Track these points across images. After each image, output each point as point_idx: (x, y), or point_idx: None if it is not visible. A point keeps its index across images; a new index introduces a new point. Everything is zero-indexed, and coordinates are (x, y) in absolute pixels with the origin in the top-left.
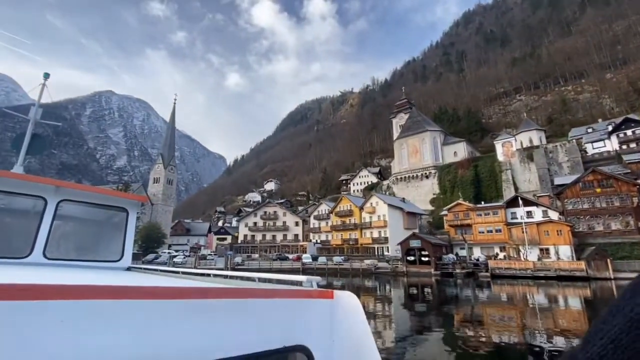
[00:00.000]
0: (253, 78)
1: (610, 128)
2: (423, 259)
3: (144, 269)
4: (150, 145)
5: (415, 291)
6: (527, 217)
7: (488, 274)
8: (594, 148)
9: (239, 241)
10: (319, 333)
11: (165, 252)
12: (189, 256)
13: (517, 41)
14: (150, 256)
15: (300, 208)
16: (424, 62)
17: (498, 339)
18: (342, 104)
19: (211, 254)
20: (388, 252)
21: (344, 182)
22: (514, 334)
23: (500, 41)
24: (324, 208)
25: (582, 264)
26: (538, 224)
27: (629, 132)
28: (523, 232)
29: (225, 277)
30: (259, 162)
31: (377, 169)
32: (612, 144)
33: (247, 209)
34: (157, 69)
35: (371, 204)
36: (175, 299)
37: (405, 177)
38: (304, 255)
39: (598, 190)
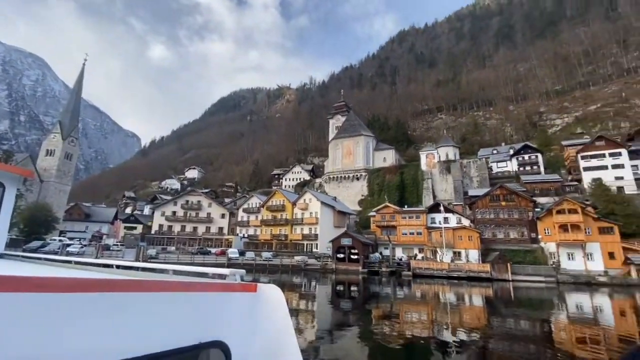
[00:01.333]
0: (182, 54)
1: (511, 152)
2: (352, 257)
3: (23, 257)
4: (43, 111)
5: (342, 288)
6: (444, 223)
7: (410, 273)
8: (498, 167)
9: (153, 231)
10: (240, 327)
11: (55, 240)
12: (88, 245)
13: (442, 66)
14: (35, 244)
15: (227, 200)
16: (361, 70)
17: (410, 333)
18: (278, 97)
19: (117, 244)
20: (317, 249)
21: (276, 176)
22: (424, 328)
23: (428, 63)
24: (254, 201)
25: (488, 267)
26: (454, 229)
27: (526, 157)
28: (441, 236)
29: (132, 268)
30: (181, 146)
31: (310, 167)
32: (512, 165)
33: (164, 197)
34: (61, 23)
35: (304, 200)
36: (67, 292)
37: (337, 177)
38: (230, 250)
39: (503, 203)
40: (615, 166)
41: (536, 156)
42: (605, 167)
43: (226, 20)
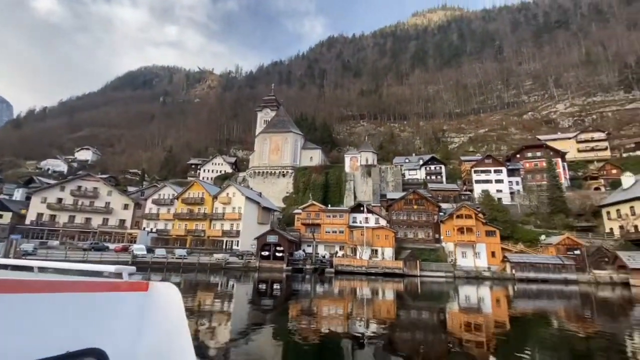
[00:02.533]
0: (79, 12)
1: (421, 162)
2: (277, 254)
3: None
4: None
5: (264, 287)
6: (365, 222)
7: (333, 270)
8: (409, 174)
9: (28, 222)
10: (124, 332)
11: None
12: None
13: (366, 77)
14: None
15: (131, 189)
16: (290, 68)
17: (327, 329)
18: (199, 81)
19: None
20: (238, 246)
21: (193, 166)
22: (340, 323)
23: (354, 72)
24: (167, 192)
25: (401, 264)
26: (373, 229)
27: (432, 167)
28: (362, 235)
29: None
30: (71, 121)
31: (233, 159)
32: (421, 174)
33: (45, 180)
34: None
35: (227, 194)
36: None
37: (263, 172)
38: (135, 246)
39: (415, 207)
40: (497, 181)
41: (440, 167)
42: (490, 181)
43: None
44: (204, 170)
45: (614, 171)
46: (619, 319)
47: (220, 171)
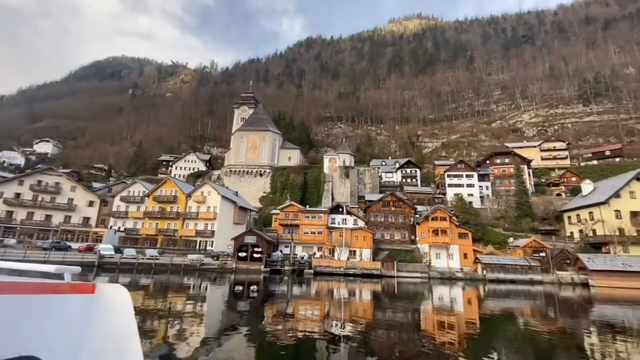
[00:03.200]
0: None
1: (397, 165)
2: (255, 255)
3: None
4: None
5: (240, 289)
6: (343, 224)
7: (312, 271)
8: (386, 177)
9: None
10: (65, 337)
11: None
12: None
13: (344, 79)
14: None
15: (96, 185)
16: (268, 66)
17: (303, 330)
18: (171, 75)
19: None
20: (212, 246)
21: (164, 163)
22: (317, 324)
23: (332, 74)
24: (137, 189)
25: (378, 265)
26: (352, 230)
27: (408, 170)
28: (341, 236)
29: None
30: (31, 111)
31: (207, 157)
32: (397, 176)
33: (1, 174)
34: None
35: (202, 192)
36: None
37: (239, 170)
38: (101, 246)
39: (392, 208)
40: (468, 185)
41: (416, 171)
42: (462, 185)
43: None
44: (176, 167)
45: (574, 179)
46: (579, 318)
47: (194, 168)
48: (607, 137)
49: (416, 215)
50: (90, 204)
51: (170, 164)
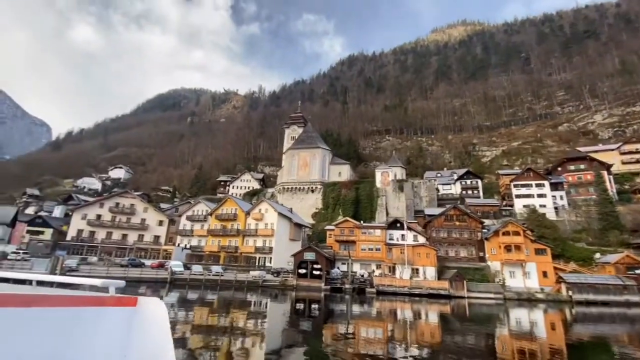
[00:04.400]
0: (114, 41)
1: (455, 176)
2: (315, 272)
3: None
4: None
5: (302, 306)
6: (402, 240)
7: (374, 290)
8: (443, 189)
9: (69, 238)
10: (109, 348)
11: None
12: None
13: (389, 92)
14: None
15: (163, 205)
16: (312, 86)
17: (365, 353)
18: (224, 102)
19: (19, 252)
20: (270, 263)
21: (222, 183)
22: (380, 346)
23: (376, 88)
24: (201, 208)
25: (446, 284)
26: (413, 246)
27: (468, 182)
28: (402, 253)
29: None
30: (106, 142)
31: (261, 175)
32: (456, 188)
33: (83, 197)
34: None
35: (260, 210)
36: None
37: (292, 187)
38: (172, 262)
39: (457, 223)
40: (539, 195)
41: (477, 182)
42: (532, 196)
43: (171, 13)
44: (233, 187)
45: None
46: None
47: (249, 187)
48: None
49: (484, 230)
50: (160, 223)
51: (228, 183)
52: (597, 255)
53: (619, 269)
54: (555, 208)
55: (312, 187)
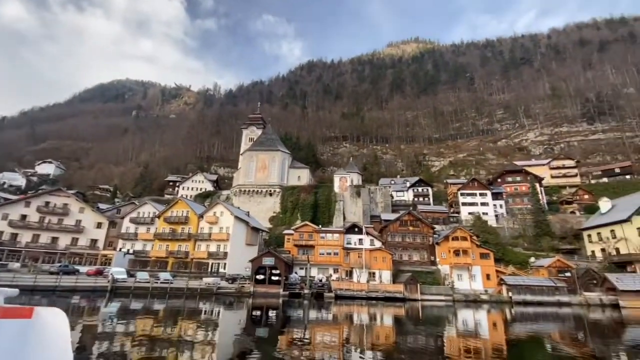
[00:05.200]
0: (48, 21)
1: (407, 184)
2: (273, 278)
3: None
4: None
5: (258, 314)
6: (359, 244)
7: (332, 294)
8: (397, 196)
9: None
10: None
11: None
12: None
13: (347, 100)
14: None
15: (103, 206)
16: (271, 88)
17: (319, 356)
18: (175, 97)
19: None
20: (225, 269)
21: (170, 183)
22: (336, 351)
23: (335, 95)
24: (147, 210)
25: (401, 287)
26: (370, 250)
27: (420, 189)
28: (360, 257)
29: None
30: (33, 133)
31: (215, 177)
32: (408, 195)
33: (2, 195)
34: None
35: (214, 213)
36: None
37: (249, 190)
38: (113, 269)
39: (410, 228)
40: (482, 204)
41: (427, 189)
42: (476, 204)
43: None
44: (183, 188)
45: (586, 196)
46: (611, 342)
47: (201, 189)
48: (615, 155)
49: (435, 235)
50: (99, 225)
51: (177, 184)
52: (532, 259)
53: (551, 272)
54: (496, 216)
55: (270, 191)
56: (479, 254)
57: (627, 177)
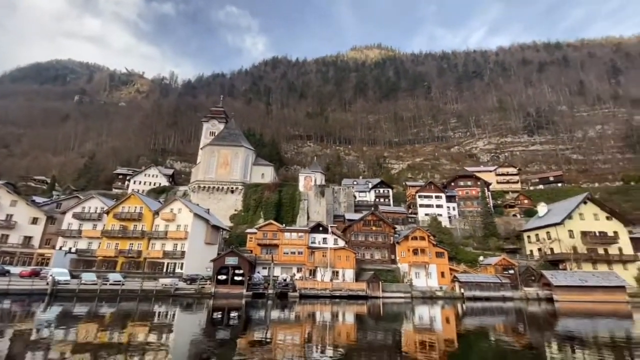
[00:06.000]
0: None
1: (369, 185)
2: (236, 278)
3: None
4: None
5: (219, 316)
6: (323, 243)
7: (297, 294)
8: (359, 196)
9: None
10: None
11: None
12: None
13: (312, 100)
14: None
15: (39, 199)
16: (233, 81)
17: (280, 356)
18: (125, 84)
19: None
20: (182, 269)
21: (120, 176)
22: (298, 349)
23: (299, 94)
24: (94, 205)
25: (364, 285)
26: (335, 249)
27: (381, 190)
28: (324, 256)
29: None
30: None
31: (170, 171)
32: (370, 196)
33: None
34: None
35: (171, 209)
36: None
37: (209, 187)
38: (54, 270)
39: (373, 228)
40: (438, 206)
41: (388, 191)
42: (432, 206)
43: None
44: (135, 182)
45: (526, 201)
46: (545, 332)
47: (155, 183)
48: (549, 165)
49: (395, 235)
50: (34, 221)
51: (128, 178)
52: (481, 258)
53: (497, 270)
54: (449, 217)
55: (232, 188)
56: (435, 253)
57: (559, 184)
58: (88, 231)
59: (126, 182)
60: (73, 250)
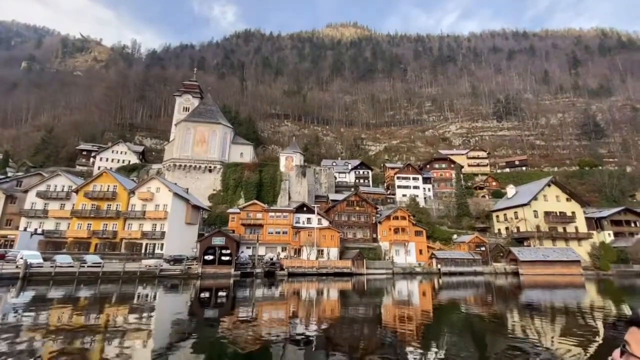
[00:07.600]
0: None
1: (349, 166)
2: (224, 258)
3: None
4: None
5: (207, 295)
6: (307, 223)
7: (285, 272)
8: (339, 177)
9: None
10: None
11: None
12: None
13: (287, 77)
14: None
15: None
16: (203, 54)
17: (267, 333)
18: (81, 50)
19: None
20: (162, 250)
21: (84, 153)
22: (284, 326)
23: (275, 70)
24: (60, 182)
25: (349, 263)
26: (320, 229)
27: (361, 172)
28: (310, 235)
29: None
30: None
31: (140, 148)
32: (350, 177)
33: None
34: None
35: (149, 189)
36: None
37: (185, 165)
38: (25, 253)
39: (357, 208)
40: (415, 187)
41: (368, 172)
42: (409, 187)
43: None
44: (102, 159)
45: (494, 183)
46: (511, 302)
47: (124, 161)
48: (515, 150)
49: (377, 215)
50: None
51: (93, 154)
52: (455, 236)
53: (470, 247)
54: (425, 198)
55: (210, 167)
56: (414, 232)
57: (524, 168)
58: (55, 211)
59: (91, 159)
60: (39, 231)
